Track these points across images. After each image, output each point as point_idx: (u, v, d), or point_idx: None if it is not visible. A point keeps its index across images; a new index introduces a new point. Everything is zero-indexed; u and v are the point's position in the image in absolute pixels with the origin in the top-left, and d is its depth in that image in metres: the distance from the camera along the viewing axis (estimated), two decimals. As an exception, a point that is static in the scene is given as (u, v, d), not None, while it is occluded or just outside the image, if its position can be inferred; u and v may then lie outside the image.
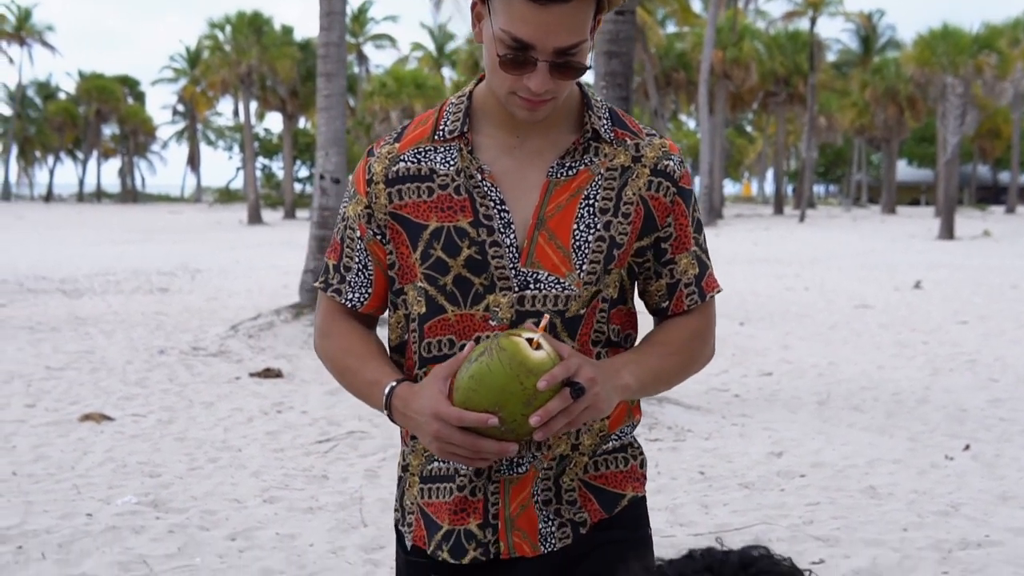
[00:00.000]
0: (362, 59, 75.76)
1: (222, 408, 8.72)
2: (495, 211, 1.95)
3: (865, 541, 5.59)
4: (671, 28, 60.74)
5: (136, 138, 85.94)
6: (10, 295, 17.22)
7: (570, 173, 1.97)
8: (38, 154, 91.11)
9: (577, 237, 1.94)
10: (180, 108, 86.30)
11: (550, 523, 2.02)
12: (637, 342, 2.10)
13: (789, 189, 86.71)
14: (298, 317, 12.99)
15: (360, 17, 73.87)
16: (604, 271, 1.96)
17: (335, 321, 2.11)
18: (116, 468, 6.85)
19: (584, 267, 1.94)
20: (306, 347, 11.53)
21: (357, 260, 2.07)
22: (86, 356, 11.15)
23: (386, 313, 2.12)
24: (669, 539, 5.49)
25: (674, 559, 1.45)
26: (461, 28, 75.98)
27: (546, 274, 1.94)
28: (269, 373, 10.13)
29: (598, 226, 1.95)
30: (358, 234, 2.05)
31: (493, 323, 1.94)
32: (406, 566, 2.10)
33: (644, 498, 2.15)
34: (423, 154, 1.99)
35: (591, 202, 1.95)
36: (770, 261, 25.95)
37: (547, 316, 1.84)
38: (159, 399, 9.01)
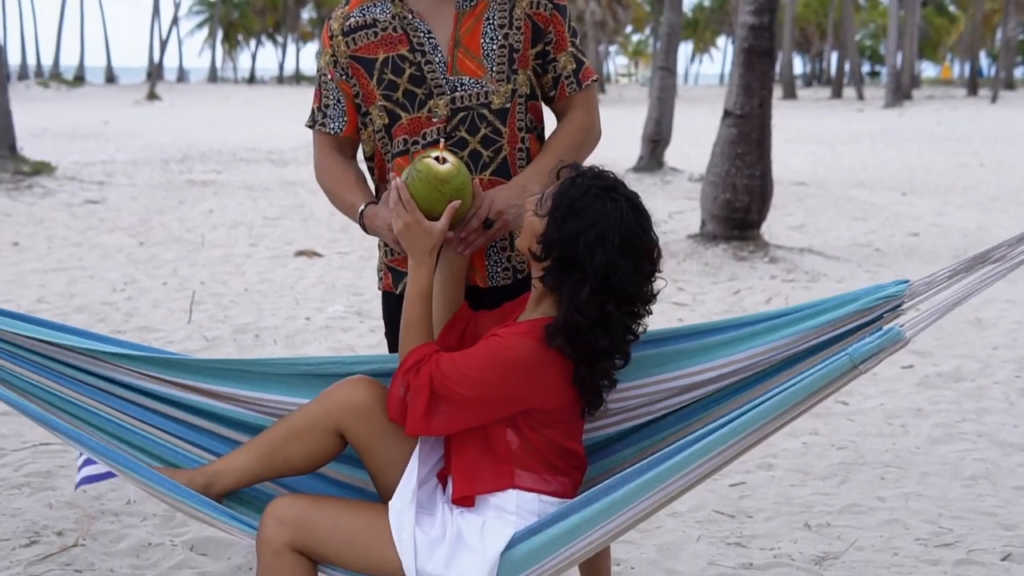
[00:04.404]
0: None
1: (413, 250, 10.00)
2: (425, 39, 2.70)
3: (955, 355, 6.47)
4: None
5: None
6: (225, 163, 19.05)
7: (472, 4, 2.72)
8: (241, 38, 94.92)
9: (485, 48, 2.71)
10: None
11: (497, 266, 2.78)
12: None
13: (993, 71, 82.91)
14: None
15: None
16: (511, 70, 2.72)
17: (325, 156, 2.85)
18: (326, 288, 8.26)
19: (494, 68, 2.70)
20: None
21: (332, 97, 2.82)
22: (296, 209, 12.67)
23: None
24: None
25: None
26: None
27: (468, 78, 2.70)
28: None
29: (499, 37, 2.71)
30: (329, 77, 2.80)
31: (435, 120, 2.69)
32: (384, 299, 2.93)
33: None
34: (367, 9, 2.75)
35: (491, 22, 2.72)
36: (950, 139, 25.72)
37: (443, 140, 2.65)
38: (360, 241, 10.39)
